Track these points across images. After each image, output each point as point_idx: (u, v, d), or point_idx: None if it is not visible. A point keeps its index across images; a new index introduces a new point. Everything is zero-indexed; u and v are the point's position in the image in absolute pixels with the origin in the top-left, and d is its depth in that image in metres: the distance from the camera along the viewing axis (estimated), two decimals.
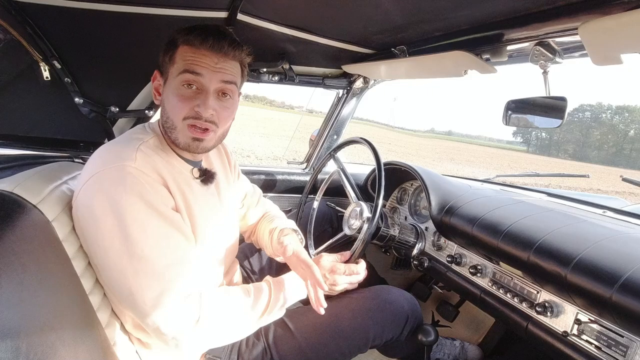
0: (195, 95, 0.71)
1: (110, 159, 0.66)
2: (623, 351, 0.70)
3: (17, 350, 0.40)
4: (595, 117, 78.79)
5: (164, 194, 0.70)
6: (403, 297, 1.01)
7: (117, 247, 0.63)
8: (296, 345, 0.87)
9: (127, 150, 0.68)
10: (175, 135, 0.73)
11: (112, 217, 0.62)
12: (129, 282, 0.63)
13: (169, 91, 0.72)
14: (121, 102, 1.13)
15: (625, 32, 0.57)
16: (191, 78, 0.70)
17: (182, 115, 0.71)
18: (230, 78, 0.73)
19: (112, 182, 0.63)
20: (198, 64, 0.70)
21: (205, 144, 0.75)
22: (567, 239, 0.84)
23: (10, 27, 0.81)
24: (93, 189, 0.64)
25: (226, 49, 0.71)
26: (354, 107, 1.60)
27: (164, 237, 0.66)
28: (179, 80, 0.70)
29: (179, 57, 0.71)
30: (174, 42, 0.72)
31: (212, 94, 0.72)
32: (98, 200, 0.63)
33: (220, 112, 0.74)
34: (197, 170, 0.81)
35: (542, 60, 0.83)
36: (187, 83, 0.70)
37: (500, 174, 1.85)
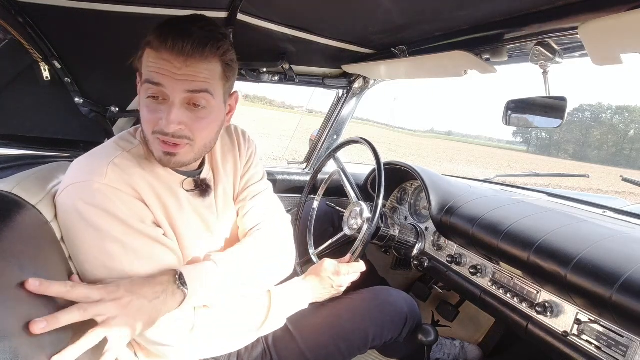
0: (159, 108, 0.62)
1: (81, 172, 0.63)
2: (623, 351, 0.70)
3: (15, 352, 0.40)
4: (595, 117, 78.77)
5: (139, 208, 0.66)
6: (402, 298, 1.01)
7: (94, 262, 0.61)
8: (296, 346, 0.87)
9: (99, 165, 0.64)
10: (151, 148, 0.66)
11: (87, 232, 0.60)
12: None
13: (140, 100, 0.65)
14: (121, 102, 1.13)
15: (625, 32, 0.57)
16: (152, 89, 0.61)
17: (150, 129, 0.64)
18: (197, 86, 0.62)
19: (81, 199, 0.61)
20: (158, 72, 0.60)
21: (179, 159, 0.66)
22: (567, 239, 0.84)
23: (10, 27, 0.81)
24: (66, 201, 0.62)
25: (189, 50, 0.59)
26: (354, 107, 1.60)
27: (144, 251, 0.64)
28: (143, 90, 0.63)
29: (144, 62, 0.62)
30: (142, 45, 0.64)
31: (178, 105, 0.62)
32: (72, 214, 0.61)
33: (193, 125, 0.64)
34: (191, 181, 0.75)
35: (542, 60, 0.83)
36: (153, 96, 0.62)
37: (500, 174, 1.85)
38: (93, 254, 0.61)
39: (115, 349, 0.55)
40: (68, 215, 0.61)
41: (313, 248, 1.24)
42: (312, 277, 0.94)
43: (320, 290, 0.93)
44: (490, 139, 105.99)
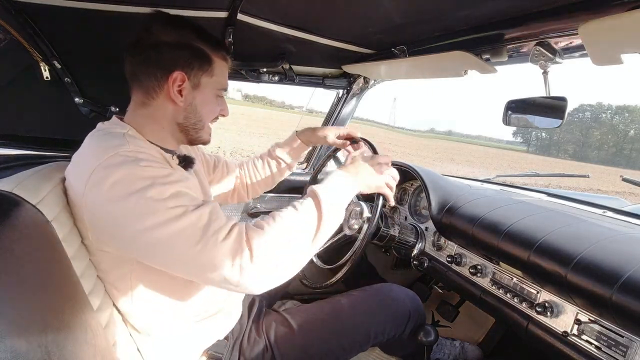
0: (222, 102, 0.84)
1: (102, 151, 0.64)
2: (623, 351, 0.70)
3: (16, 351, 0.40)
4: (595, 117, 78.78)
5: (167, 167, 0.70)
6: (405, 294, 1.01)
7: (149, 222, 0.60)
8: (297, 342, 0.87)
9: (116, 140, 0.68)
10: (201, 133, 0.82)
11: (128, 195, 0.60)
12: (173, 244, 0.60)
13: (204, 97, 0.79)
14: (121, 102, 1.12)
15: (625, 32, 0.57)
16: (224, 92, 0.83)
17: (212, 117, 0.82)
18: None
19: (115, 167, 0.61)
20: (227, 82, 0.83)
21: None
22: (567, 239, 0.84)
23: (10, 27, 0.81)
24: (100, 182, 0.61)
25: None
26: (354, 107, 1.60)
27: (180, 195, 0.64)
28: (218, 92, 0.81)
29: (218, 71, 0.79)
30: (208, 55, 0.77)
31: None
32: (109, 189, 0.60)
33: None
34: (176, 157, 0.81)
35: (542, 60, 0.83)
36: (222, 95, 0.83)
37: (500, 174, 1.85)
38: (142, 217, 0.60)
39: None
40: (106, 194, 0.60)
41: (315, 256, 1.23)
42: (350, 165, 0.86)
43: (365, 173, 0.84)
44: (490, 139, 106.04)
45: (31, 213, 0.58)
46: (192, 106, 0.77)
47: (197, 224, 0.62)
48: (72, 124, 1.12)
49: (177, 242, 0.61)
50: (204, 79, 0.77)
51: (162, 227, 0.60)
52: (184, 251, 0.61)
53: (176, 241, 0.61)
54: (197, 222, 0.62)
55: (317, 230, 0.70)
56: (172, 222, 0.61)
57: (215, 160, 1.12)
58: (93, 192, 0.62)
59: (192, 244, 0.60)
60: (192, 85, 0.76)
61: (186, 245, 0.61)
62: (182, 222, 0.61)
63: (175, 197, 0.63)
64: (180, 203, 0.63)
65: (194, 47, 0.75)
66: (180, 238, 0.61)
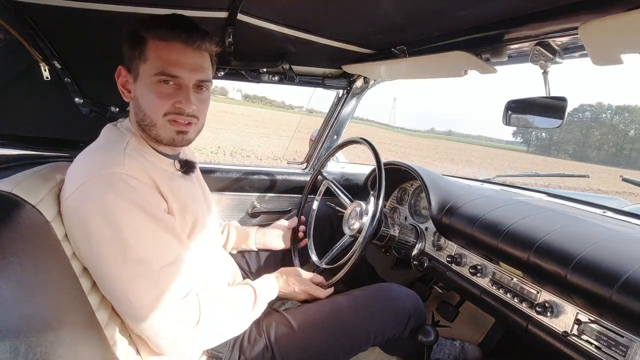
0: (174, 92, 0.70)
1: (97, 166, 0.65)
2: (623, 351, 0.70)
3: (16, 351, 0.40)
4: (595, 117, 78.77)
5: (156, 197, 0.70)
6: (406, 294, 1.01)
7: (111, 254, 0.62)
8: (297, 341, 0.87)
9: (114, 156, 0.67)
10: (156, 132, 0.72)
11: (104, 224, 0.62)
12: (125, 288, 0.63)
13: (144, 88, 0.70)
14: (121, 102, 1.12)
15: (625, 32, 0.57)
16: (168, 79, 0.69)
17: (162, 112, 0.70)
18: (205, 77, 0.73)
19: (102, 190, 0.62)
20: (175, 64, 0.68)
21: (188, 136, 0.75)
22: (567, 239, 0.84)
23: (10, 27, 0.81)
24: (83, 197, 0.62)
25: (199, 42, 0.70)
26: (354, 107, 1.60)
27: (157, 240, 0.66)
28: (155, 79, 0.69)
29: (152, 54, 0.68)
30: (140, 36, 0.68)
31: (192, 89, 0.71)
32: (89, 208, 0.62)
33: (199, 105, 0.74)
34: (177, 162, 0.81)
35: (542, 60, 0.83)
36: (164, 81, 0.69)
37: (500, 174, 1.85)
38: (110, 247, 0.62)
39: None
40: (85, 211, 0.62)
41: (315, 254, 1.23)
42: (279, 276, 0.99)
43: (285, 288, 0.97)
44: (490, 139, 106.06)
45: (31, 213, 0.58)
46: (136, 100, 0.73)
47: (154, 285, 0.64)
48: (72, 124, 1.12)
49: (129, 292, 0.63)
50: (141, 66, 0.69)
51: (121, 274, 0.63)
52: (133, 301, 0.63)
53: (128, 291, 0.63)
54: (155, 284, 0.64)
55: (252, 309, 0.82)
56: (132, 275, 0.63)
57: None
58: (75, 203, 0.63)
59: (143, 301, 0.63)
60: (134, 77, 0.72)
61: (137, 299, 0.63)
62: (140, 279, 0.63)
63: (147, 245, 0.64)
64: (149, 255, 0.64)
65: (131, 31, 0.70)
66: (133, 291, 0.63)
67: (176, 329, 0.66)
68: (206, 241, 0.85)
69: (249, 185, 1.52)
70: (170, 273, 0.66)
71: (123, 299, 0.64)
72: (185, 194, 0.77)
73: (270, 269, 1.19)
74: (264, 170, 1.56)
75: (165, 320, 0.65)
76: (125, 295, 0.63)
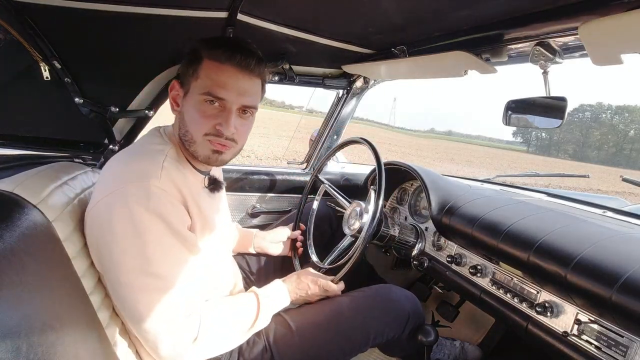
0: (217, 113, 0.71)
1: (134, 175, 0.67)
2: (623, 351, 0.70)
3: (18, 351, 0.40)
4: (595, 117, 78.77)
5: (183, 213, 0.71)
6: (404, 295, 1.01)
7: (132, 264, 0.64)
8: (296, 343, 0.87)
9: (153, 167, 0.69)
10: (195, 149, 0.74)
11: (131, 234, 0.63)
12: (138, 298, 0.64)
13: (190, 104, 0.72)
14: (121, 102, 1.13)
15: (625, 32, 0.57)
16: (214, 99, 0.71)
17: (203, 132, 0.72)
18: (251, 102, 0.74)
19: (136, 200, 0.64)
20: (222, 85, 0.70)
21: (223, 157, 0.76)
22: (567, 239, 0.84)
23: (10, 27, 0.81)
24: (115, 204, 0.64)
25: (252, 67, 0.72)
26: (354, 107, 1.60)
27: (178, 258, 0.68)
28: (201, 97, 0.70)
29: (204, 73, 0.70)
30: (198, 55, 0.71)
31: (235, 113, 0.72)
32: (119, 216, 0.63)
33: (240, 129, 0.75)
34: (207, 179, 0.83)
35: (542, 60, 0.83)
36: (210, 101, 0.71)
37: (500, 174, 1.85)
38: (132, 256, 0.63)
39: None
40: (115, 216, 0.63)
41: (315, 254, 1.23)
42: (292, 279, 0.98)
43: (297, 292, 0.96)
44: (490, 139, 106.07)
45: (32, 213, 0.58)
46: (182, 115, 0.75)
47: (165, 300, 0.65)
48: (72, 124, 1.12)
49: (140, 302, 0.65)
50: (193, 82, 0.72)
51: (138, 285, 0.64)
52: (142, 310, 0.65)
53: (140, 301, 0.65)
54: (167, 298, 0.66)
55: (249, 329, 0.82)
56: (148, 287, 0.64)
57: None
58: (107, 207, 0.64)
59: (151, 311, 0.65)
60: (184, 92, 0.74)
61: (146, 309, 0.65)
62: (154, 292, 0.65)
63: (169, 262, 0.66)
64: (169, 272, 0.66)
65: (193, 49, 0.73)
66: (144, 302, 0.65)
67: (175, 340, 0.68)
68: (218, 252, 0.87)
69: (249, 185, 1.52)
70: (183, 291, 0.68)
71: (131, 306, 0.65)
72: (207, 210, 0.79)
73: (271, 270, 1.20)
74: (264, 170, 1.56)
75: (166, 331, 0.66)
76: (135, 304, 0.65)
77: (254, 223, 1.56)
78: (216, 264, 0.87)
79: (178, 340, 0.68)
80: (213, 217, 0.82)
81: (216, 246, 0.85)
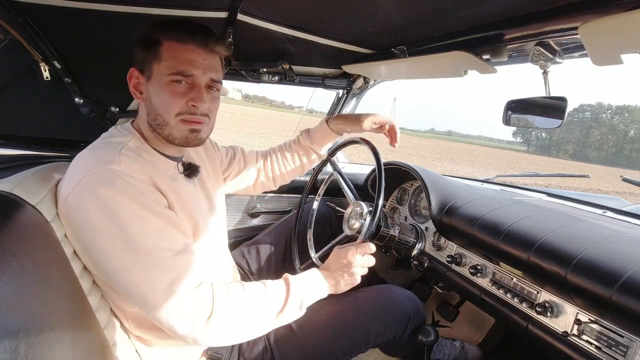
0: (187, 91, 0.72)
1: (94, 163, 0.65)
2: (623, 351, 0.70)
3: (16, 351, 0.40)
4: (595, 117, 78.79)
5: (155, 193, 0.70)
6: (405, 296, 1.01)
7: (118, 247, 0.62)
8: (297, 343, 0.87)
9: (110, 154, 0.67)
10: (169, 132, 0.73)
11: (107, 219, 0.62)
12: (137, 279, 0.62)
13: (157, 88, 0.72)
14: (121, 102, 1.13)
15: (625, 32, 0.57)
16: (183, 79, 0.71)
17: (175, 111, 0.72)
18: (217, 77, 0.75)
19: (101, 185, 0.62)
20: (190, 64, 0.71)
21: (201, 135, 0.76)
22: (567, 239, 0.84)
23: (10, 27, 0.81)
24: (83, 193, 0.62)
25: (212, 44, 0.73)
26: (354, 107, 1.60)
27: (162, 232, 0.66)
28: (168, 78, 0.70)
29: (167, 54, 0.70)
30: (154, 39, 0.71)
31: (205, 89, 0.74)
32: (90, 204, 0.62)
33: (211, 105, 0.76)
34: (180, 165, 0.81)
35: (542, 60, 0.82)
36: (177, 81, 0.71)
37: (500, 174, 1.85)
38: (115, 240, 0.62)
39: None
40: (86, 207, 0.62)
41: (314, 250, 1.24)
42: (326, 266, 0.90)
43: (335, 278, 0.87)
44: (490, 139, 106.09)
45: (30, 213, 0.58)
46: (149, 100, 0.74)
47: (166, 274, 0.63)
48: (72, 124, 1.12)
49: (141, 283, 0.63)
50: (155, 66, 0.71)
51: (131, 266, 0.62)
52: (146, 292, 0.63)
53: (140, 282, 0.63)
54: (167, 272, 0.63)
55: (278, 314, 0.76)
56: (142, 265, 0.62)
57: (231, 154, 1.12)
58: (75, 200, 0.63)
59: (156, 290, 0.62)
60: (147, 78, 0.73)
61: (150, 289, 0.62)
62: (151, 269, 0.63)
63: (154, 236, 0.64)
64: (157, 245, 0.64)
65: (146, 34, 0.72)
66: (145, 282, 0.62)
67: (193, 318, 0.65)
68: (206, 246, 0.82)
69: None
70: (181, 261, 0.65)
71: (136, 291, 0.63)
72: (186, 195, 0.77)
73: (271, 268, 1.20)
74: None
75: (181, 309, 0.63)
76: (137, 287, 0.62)
77: (254, 223, 1.56)
78: (208, 257, 0.84)
79: (192, 316, 0.64)
80: (194, 202, 0.79)
81: (202, 236, 0.80)
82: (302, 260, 1.24)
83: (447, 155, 21.74)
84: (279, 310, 0.76)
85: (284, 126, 19.05)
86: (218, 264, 0.91)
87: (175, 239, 0.67)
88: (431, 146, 28.00)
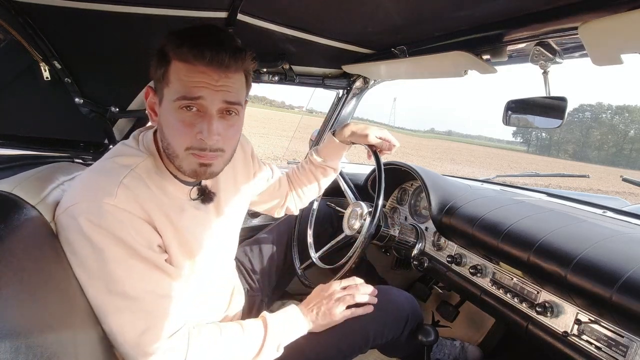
0: (196, 120, 0.63)
1: (89, 193, 0.61)
2: (623, 351, 0.70)
3: (17, 351, 0.40)
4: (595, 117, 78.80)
5: (147, 231, 0.65)
6: (403, 297, 1.01)
7: (97, 284, 0.60)
8: (295, 345, 0.87)
9: (109, 184, 0.62)
10: (179, 164, 0.66)
11: (91, 252, 0.59)
12: (111, 319, 0.60)
13: (167, 114, 0.64)
14: (121, 102, 1.13)
15: (625, 32, 0.57)
16: (190, 103, 0.61)
17: (184, 145, 0.64)
18: (233, 98, 0.64)
19: (90, 218, 0.59)
20: (196, 85, 0.60)
21: (213, 169, 0.67)
22: (567, 239, 0.84)
23: (10, 27, 0.81)
24: (71, 220, 0.60)
25: (227, 62, 0.61)
26: (354, 107, 1.60)
27: (144, 276, 0.63)
28: (176, 104, 0.62)
29: (173, 76, 0.61)
30: (165, 55, 0.62)
31: (216, 117, 0.63)
32: (76, 234, 0.59)
33: (226, 134, 0.65)
34: (195, 190, 0.75)
35: (542, 60, 0.83)
36: (186, 106, 0.62)
37: (500, 174, 1.85)
38: (95, 275, 0.60)
39: None
40: (72, 234, 0.60)
41: (314, 250, 1.24)
42: (307, 301, 0.91)
43: (313, 311, 0.87)
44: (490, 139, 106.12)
45: (31, 214, 0.58)
46: (160, 127, 0.67)
47: (141, 320, 0.61)
48: (72, 124, 1.11)
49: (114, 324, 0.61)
50: (165, 89, 0.63)
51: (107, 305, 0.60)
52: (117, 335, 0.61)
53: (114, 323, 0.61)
54: (142, 318, 0.61)
55: (254, 358, 0.75)
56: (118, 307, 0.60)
57: (271, 171, 1.09)
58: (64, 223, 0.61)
59: (127, 336, 0.61)
60: (159, 100, 0.65)
61: (121, 334, 0.61)
62: (127, 313, 0.61)
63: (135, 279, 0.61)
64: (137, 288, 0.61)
65: (161, 46, 0.63)
66: (118, 324, 0.61)
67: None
68: (206, 273, 0.80)
69: None
70: (159, 307, 0.63)
71: (108, 330, 0.61)
72: (190, 228, 0.72)
73: (273, 268, 1.19)
74: None
75: (151, 357, 0.62)
76: (110, 327, 0.61)
77: (254, 223, 1.56)
78: (209, 283, 0.81)
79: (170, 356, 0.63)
80: (199, 232, 0.74)
81: (206, 266, 0.77)
82: (303, 260, 1.24)
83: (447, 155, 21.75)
84: (255, 354, 0.75)
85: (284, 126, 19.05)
86: (219, 287, 0.88)
87: (158, 283, 0.64)
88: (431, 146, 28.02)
